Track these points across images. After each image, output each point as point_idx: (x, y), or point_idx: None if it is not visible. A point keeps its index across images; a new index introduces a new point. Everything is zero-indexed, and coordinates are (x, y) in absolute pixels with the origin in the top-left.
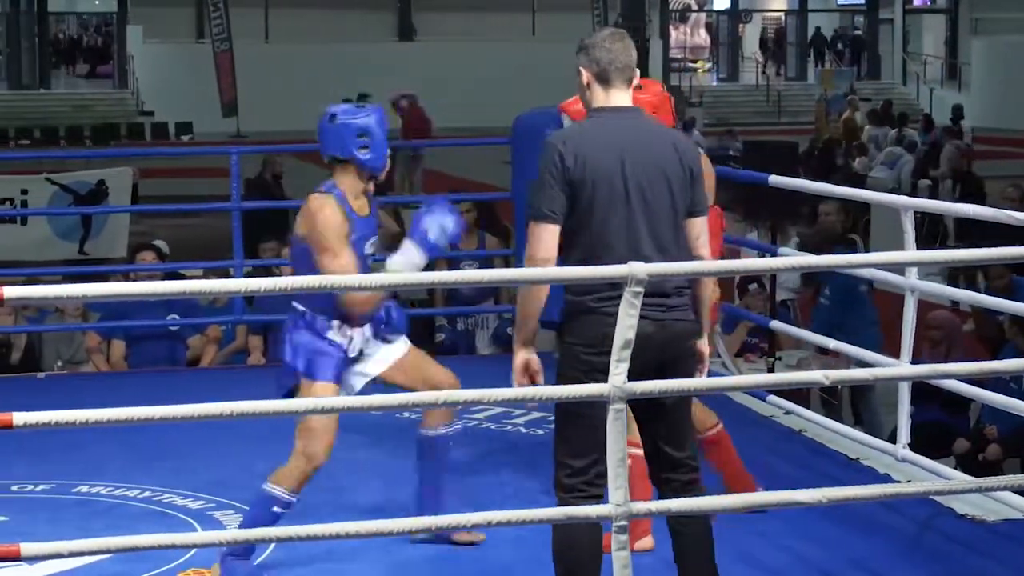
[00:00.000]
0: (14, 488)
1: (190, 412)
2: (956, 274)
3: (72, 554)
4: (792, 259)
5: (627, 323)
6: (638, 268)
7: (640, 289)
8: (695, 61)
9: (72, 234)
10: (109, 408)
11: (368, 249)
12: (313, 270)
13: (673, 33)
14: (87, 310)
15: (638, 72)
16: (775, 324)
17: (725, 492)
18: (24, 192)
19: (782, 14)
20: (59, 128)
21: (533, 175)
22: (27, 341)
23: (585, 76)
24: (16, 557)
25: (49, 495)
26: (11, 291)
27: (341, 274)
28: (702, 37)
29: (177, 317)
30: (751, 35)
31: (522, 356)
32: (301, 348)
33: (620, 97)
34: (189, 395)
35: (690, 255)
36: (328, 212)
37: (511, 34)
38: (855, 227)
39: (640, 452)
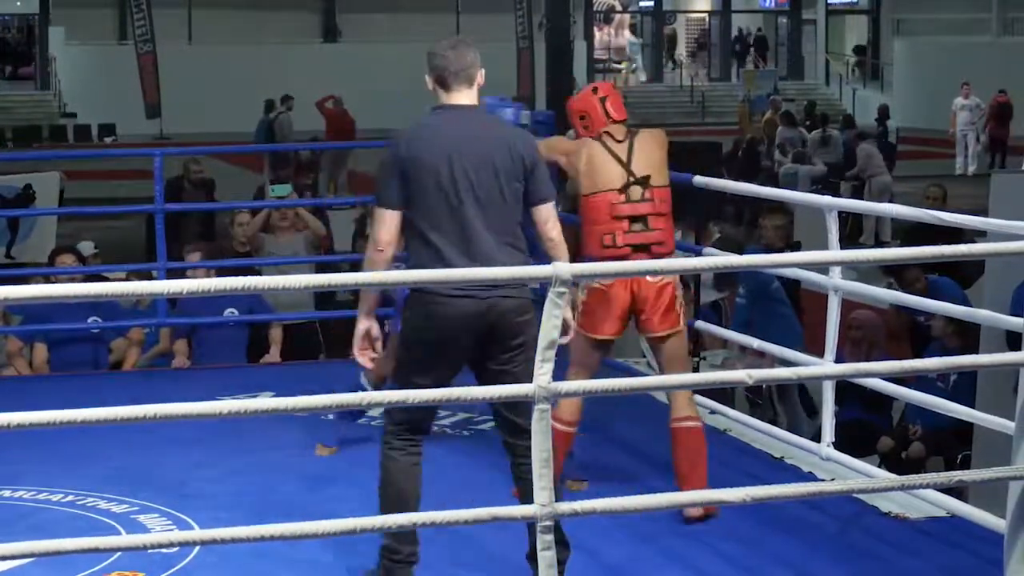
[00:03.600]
0: None
1: (112, 415)
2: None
3: None
4: (714, 259)
5: (551, 323)
6: (562, 268)
7: (564, 289)
8: (619, 62)
9: None
10: (31, 411)
11: None
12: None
13: (597, 34)
14: (8, 313)
15: (482, 71)
16: (699, 324)
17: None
18: None
19: (706, 15)
20: None
21: None
22: None
23: (430, 81)
24: None
25: None
26: None
27: None
28: (626, 38)
29: (99, 320)
30: (676, 36)
31: (364, 325)
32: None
33: (458, 97)
34: (112, 398)
35: (521, 241)
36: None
37: (435, 35)
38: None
39: (568, 429)
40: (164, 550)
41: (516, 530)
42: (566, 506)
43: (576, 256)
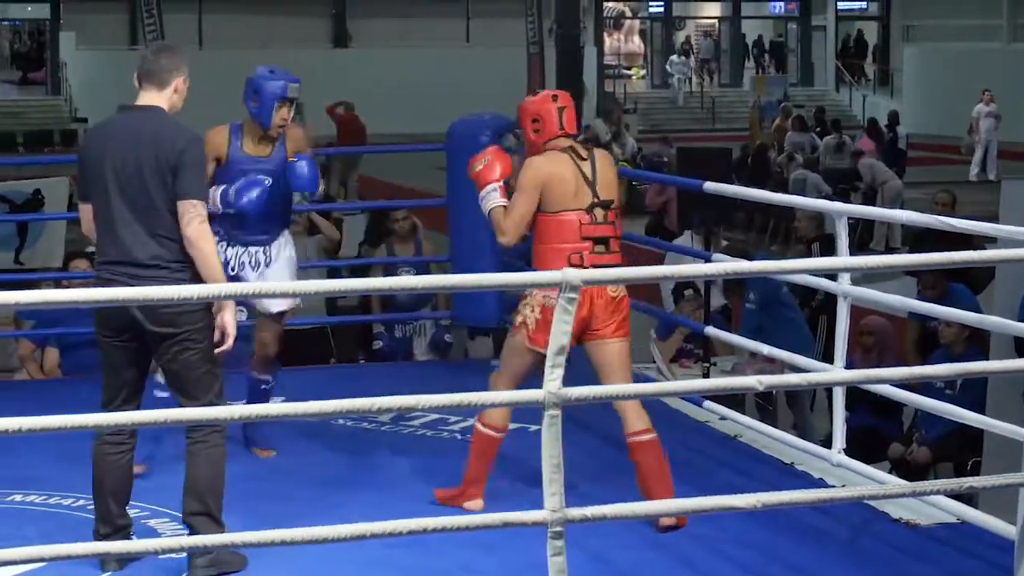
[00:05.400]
0: None
1: (124, 420)
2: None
3: (5, 563)
4: (725, 265)
5: (561, 329)
6: (572, 275)
7: (574, 295)
8: (629, 68)
9: (7, 244)
10: (43, 416)
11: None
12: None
13: (607, 40)
14: (20, 318)
15: (180, 78)
16: (709, 330)
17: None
18: None
19: (715, 21)
20: None
21: (468, 181)
22: None
23: (135, 80)
24: None
25: None
26: None
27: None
28: (636, 44)
29: None
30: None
31: (221, 320)
32: None
33: (144, 97)
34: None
35: (173, 232)
36: (211, 133)
37: (446, 40)
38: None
39: (495, 434)
40: (174, 555)
41: (531, 536)
42: (577, 511)
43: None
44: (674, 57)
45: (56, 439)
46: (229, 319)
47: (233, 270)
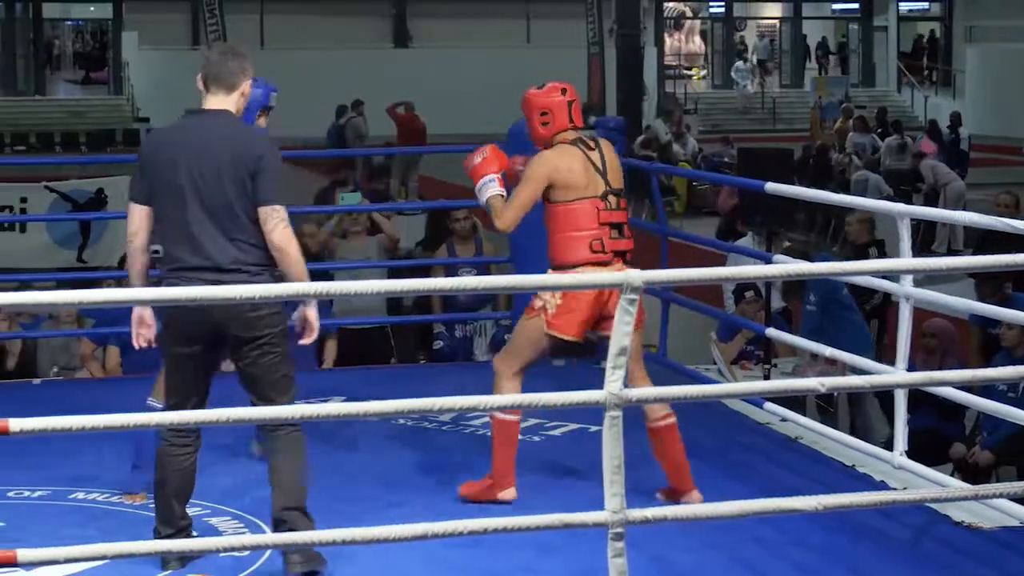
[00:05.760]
0: (10, 494)
1: (186, 419)
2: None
3: (68, 560)
4: (786, 266)
5: (623, 330)
6: (634, 275)
7: (635, 296)
8: (690, 68)
9: (71, 242)
10: (105, 414)
11: None
12: None
13: (668, 40)
14: (82, 316)
15: (247, 82)
16: (770, 331)
17: (666, 484)
18: (23, 200)
19: (776, 21)
20: (55, 134)
21: None
22: (23, 348)
23: (199, 82)
24: (12, 563)
25: (45, 501)
26: (5, 297)
27: None
28: (697, 44)
29: None
30: (750, 43)
31: (137, 311)
32: None
33: (213, 101)
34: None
35: (259, 238)
36: None
37: (506, 41)
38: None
39: (513, 418)
40: (235, 553)
41: (590, 537)
42: (637, 513)
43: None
44: (739, 63)
45: (117, 437)
46: (312, 313)
47: None
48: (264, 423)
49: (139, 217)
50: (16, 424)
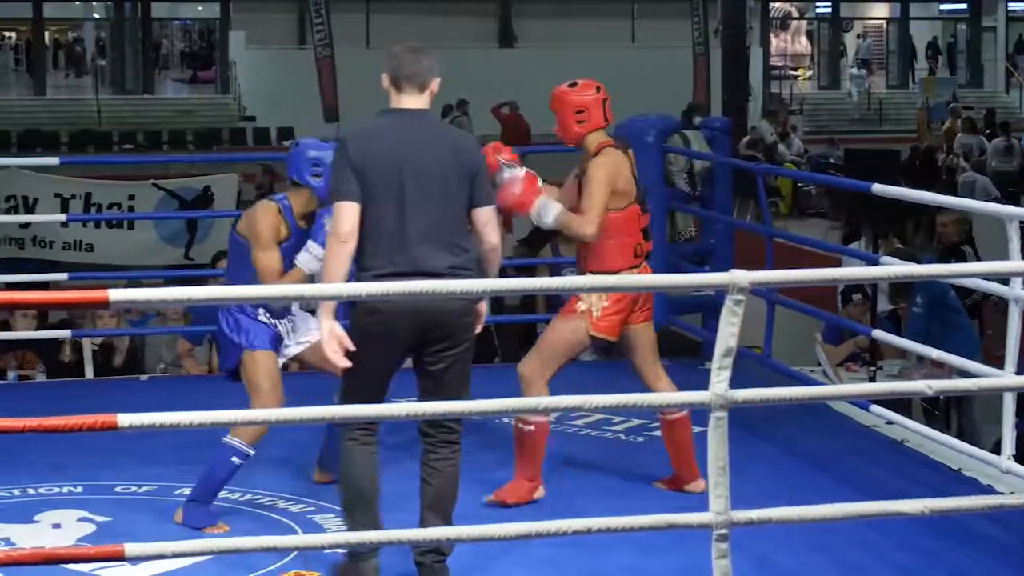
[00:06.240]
0: (118, 489)
1: (295, 416)
2: None
3: (175, 555)
4: (892, 268)
5: (729, 331)
6: (740, 276)
7: (741, 297)
8: (796, 68)
9: (178, 239)
10: (213, 410)
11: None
12: (246, 263)
13: (774, 41)
14: (188, 314)
15: (437, 80)
16: (877, 333)
17: (672, 475)
18: (131, 198)
19: (883, 22)
20: (162, 133)
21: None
22: (130, 344)
23: (385, 81)
24: (120, 557)
25: (152, 496)
26: (116, 294)
27: (266, 268)
28: (803, 45)
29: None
30: (851, 43)
31: (328, 324)
32: (240, 327)
33: (409, 100)
34: (289, 399)
35: (468, 241)
36: (267, 214)
37: (611, 40)
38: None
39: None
40: (340, 550)
41: (697, 539)
42: (742, 514)
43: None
44: (853, 70)
45: (223, 434)
46: (483, 306)
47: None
48: (432, 437)
49: (355, 217)
50: (125, 419)
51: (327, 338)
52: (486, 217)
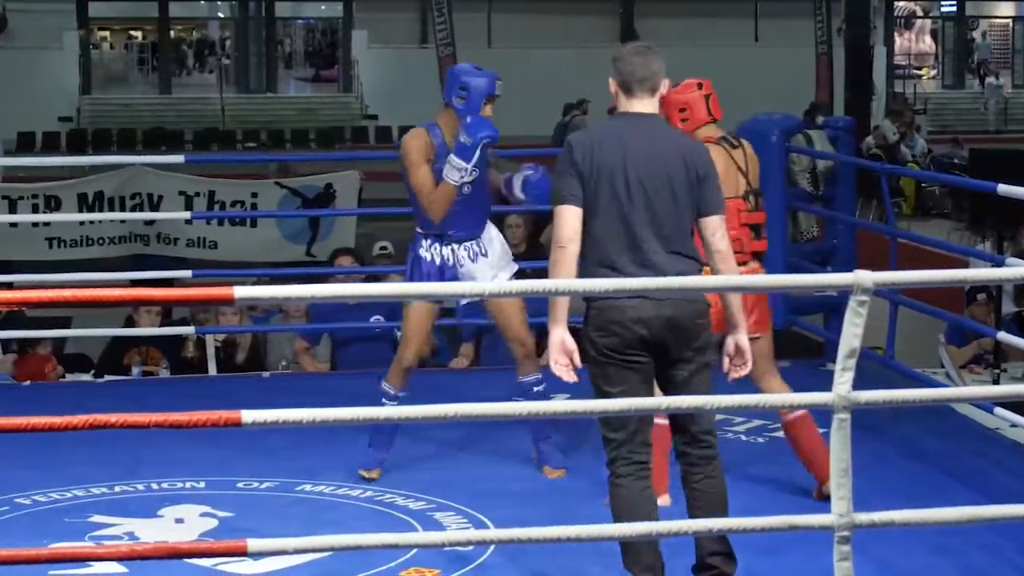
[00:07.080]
0: (240, 485)
1: (418, 413)
2: None
3: (297, 551)
4: (1018, 270)
5: (852, 332)
6: (864, 277)
7: (865, 298)
8: (920, 68)
9: (300, 236)
10: (336, 408)
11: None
12: (409, 190)
13: (897, 40)
14: (310, 311)
15: (666, 81)
16: (1001, 335)
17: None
18: (254, 195)
19: (1009, 20)
20: (285, 131)
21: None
22: (252, 341)
23: (613, 85)
24: (243, 553)
25: (273, 493)
26: (241, 291)
27: (418, 185)
28: (927, 44)
29: (381, 319)
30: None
31: (558, 334)
32: (409, 263)
33: (639, 104)
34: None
35: (692, 248)
36: (413, 139)
37: (734, 40)
38: None
39: (666, 422)
40: (460, 548)
41: (820, 541)
42: (864, 516)
43: None
44: (991, 79)
45: (344, 431)
46: (745, 340)
47: (453, 267)
48: (690, 456)
49: (578, 221)
50: (248, 416)
51: (556, 351)
52: (714, 225)
